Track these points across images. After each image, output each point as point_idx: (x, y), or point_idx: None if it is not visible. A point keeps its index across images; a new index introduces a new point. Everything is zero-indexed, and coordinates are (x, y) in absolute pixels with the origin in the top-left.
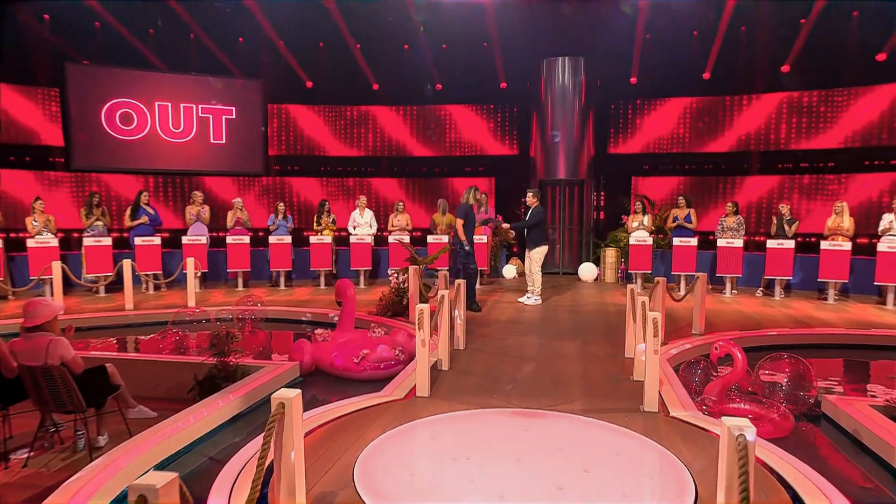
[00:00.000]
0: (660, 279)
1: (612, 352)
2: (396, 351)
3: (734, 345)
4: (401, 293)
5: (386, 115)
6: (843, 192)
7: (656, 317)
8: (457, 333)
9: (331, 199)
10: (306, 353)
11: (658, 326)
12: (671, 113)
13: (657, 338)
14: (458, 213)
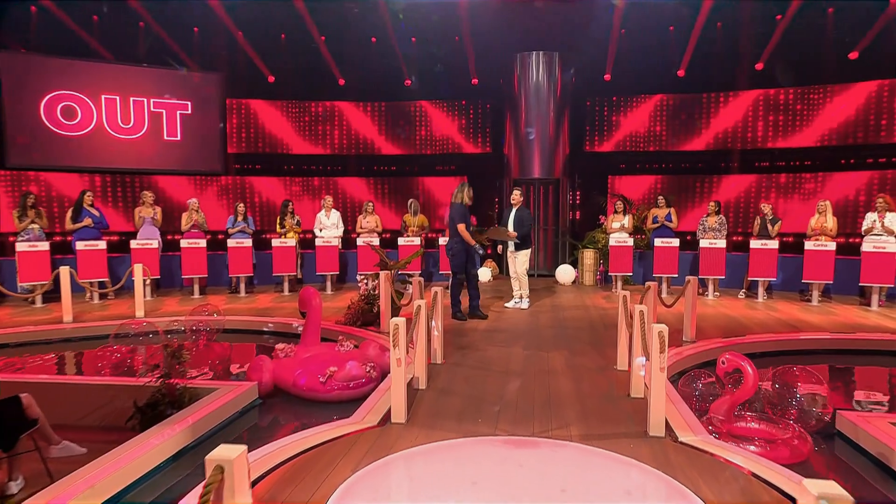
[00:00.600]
0: (651, 284)
1: (602, 364)
2: (367, 368)
3: (744, 358)
4: (371, 300)
5: (353, 111)
6: (821, 191)
7: (662, 330)
8: (434, 346)
9: (295, 199)
10: (266, 371)
11: (665, 341)
12: (648, 110)
13: (664, 354)
14: (455, 216)
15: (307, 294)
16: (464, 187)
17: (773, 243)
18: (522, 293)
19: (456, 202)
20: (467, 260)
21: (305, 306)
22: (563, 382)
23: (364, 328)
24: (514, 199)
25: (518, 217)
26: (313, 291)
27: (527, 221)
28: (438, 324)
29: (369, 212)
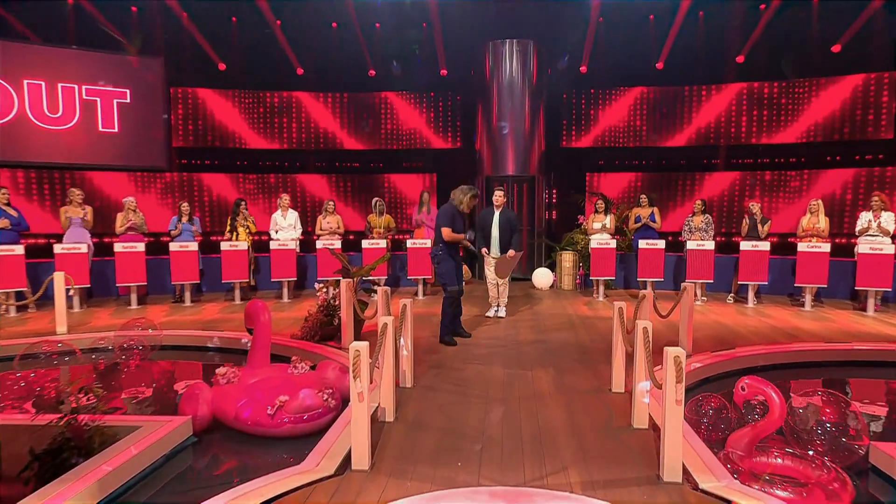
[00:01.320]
0: (646, 293)
1: (595, 385)
2: (325, 395)
3: (766, 383)
4: (331, 311)
5: (312, 102)
6: (806, 189)
7: (679, 355)
8: (403, 366)
9: (248, 198)
10: (202, 401)
11: (682, 368)
12: (627, 104)
13: (681, 384)
14: (441, 218)
15: (254, 308)
16: (468, 192)
17: (765, 245)
18: (502, 301)
19: (449, 204)
20: (457, 269)
21: (252, 322)
22: (553, 410)
23: (323, 343)
24: (497, 200)
25: (506, 221)
26: (261, 305)
27: (517, 225)
28: (408, 342)
29: (330, 211)
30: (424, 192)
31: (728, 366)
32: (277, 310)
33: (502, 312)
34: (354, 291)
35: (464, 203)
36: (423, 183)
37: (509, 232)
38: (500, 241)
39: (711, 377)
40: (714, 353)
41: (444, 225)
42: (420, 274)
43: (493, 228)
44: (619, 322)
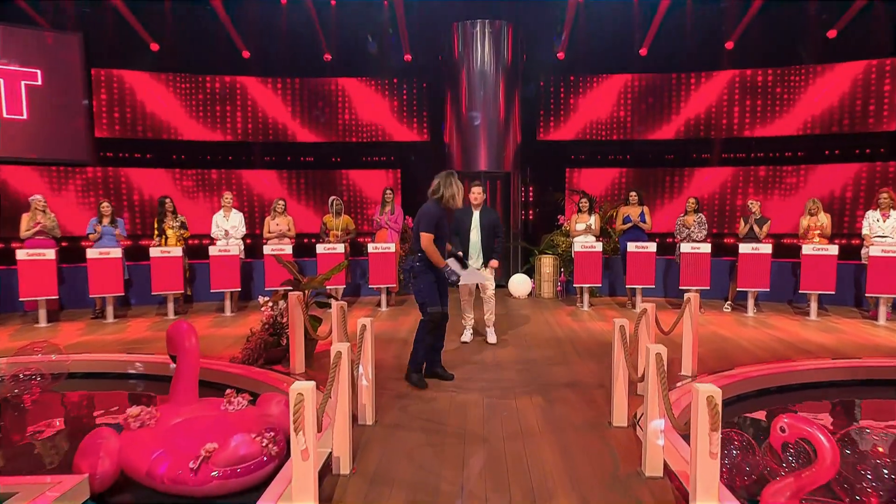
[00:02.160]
0: (648, 306)
1: (592, 417)
2: (265, 440)
3: (812, 423)
4: (277, 330)
5: (259, 89)
6: (804, 185)
7: (714, 395)
8: (362, 400)
9: (188, 197)
10: (105, 453)
11: (719, 412)
12: (610, 92)
13: (717, 433)
14: (420, 220)
15: (177, 330)
16: (448, 179)
17: (766, 247)
18: (489, 320)
19: (432, 202)
20: (439, 285)
21: (175, 348)
22: (545, 453)
23: (268, 368)
24: (475, 197)
25: (488, 223)
26: (186, 327)
27: (501, 227)
28: (368, 370)
29: (279, 212)
30: (387, 190)
31: (737, 388)
32: (218, 325)
33: (492, 337)
34: (306, 306)
35: (456, 197)
36: (386, 179)
37: (492, 236)
38: (483, 248)
39: None
40: (719, 373)
41: (425, 230)
42: (383, 282)
43: (473, 232)
44: (621, 342)
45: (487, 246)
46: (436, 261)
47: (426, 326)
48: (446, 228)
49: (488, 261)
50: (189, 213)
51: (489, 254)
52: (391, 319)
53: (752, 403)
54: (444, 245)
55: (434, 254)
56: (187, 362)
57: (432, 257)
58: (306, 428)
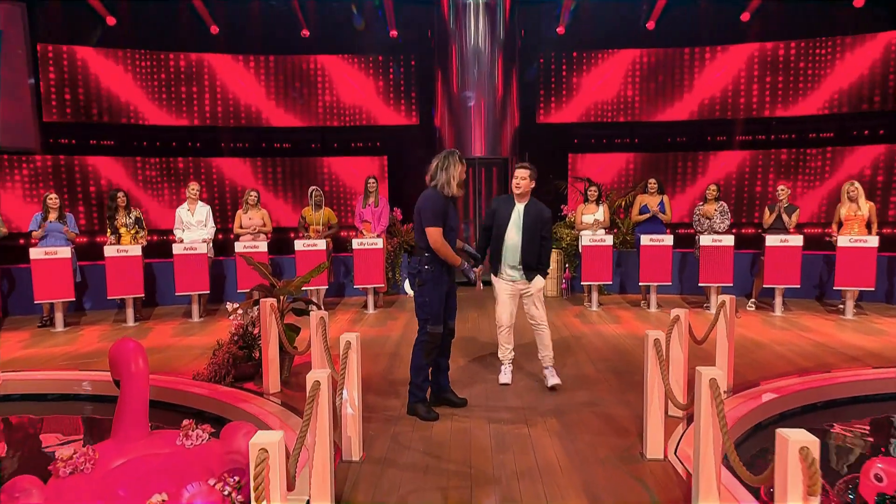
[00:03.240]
0: (680, 312)
1: (620, 447)
2: (226, 488)
3: None
4: (248, 342)
5: (230, 68)
6: (829, 170)
7: (808, 445)
8: (346, 432)
9: (151, 187)
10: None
11: (817, 470)
12: (617, 70)
13: (816, 497)
14: (424, 211)
15: (121, 352)
16: (448, 159)
17: (796, 239)
18: (546, 357)
19: (431, 189)
20: (448, 296)
21: (119, 371)
22: (569, 498)
23: (237, 387)
24: (517, 185)
25: (533, 220)
26: (133, 347)
27: (548, 227)
28: (354, 396)
29: (252, 204)
30: (370, 179)
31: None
32: (183, 333)
33: (553, 379)
34: (281, 313)
35: (447, 179)
36: (371, 167)
37: (537, 240)
38: (523, 255)
39: (763, 422)
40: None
41: (432, 223)
42: (369, 282)
43: (511, 230)
44: (656, 360)
45: (530, 252)
46: (452, 259)
47: (425, 347)
48: (455, 220)
49: (531, 275)
50: (153, 206)
51: (533, 265)
52: (379, 324)
53: (797, 422)
54: (453, 241)
55: (448, 252)
56: (134, 389)
57: (447, 256)
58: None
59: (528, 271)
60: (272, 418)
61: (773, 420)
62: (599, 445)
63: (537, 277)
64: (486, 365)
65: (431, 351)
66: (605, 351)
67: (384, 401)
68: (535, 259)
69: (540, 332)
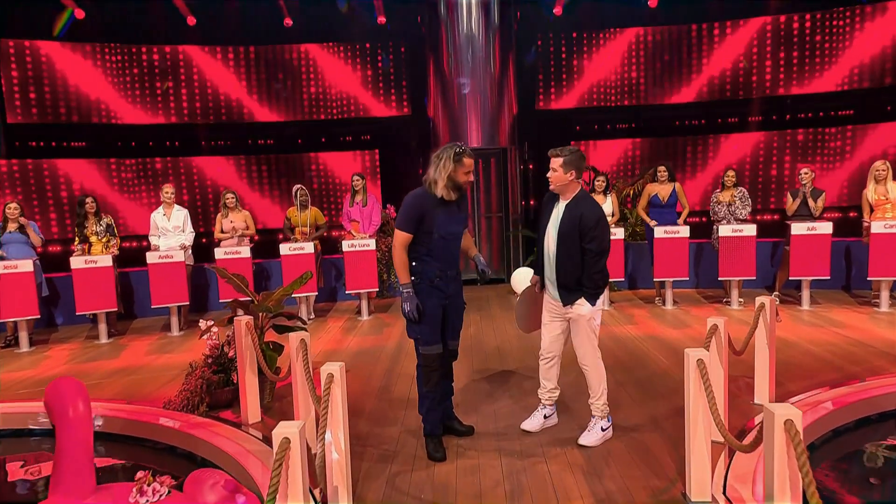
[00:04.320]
0: (718, 321)
1: (658, 487)
2: None
3: None
4: (225, 364)
5: (208, 61)
6: (850, 150)
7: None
8: (332, 480)
9: (127, 191)
10: None
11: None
12: (619, 50)
13: None
14: (399, 214)
15: (57, 392)
16: (443, 154)
17: (824, 226)
18: (596, 405)
19: (421, 188)
20: (448, 310)
21: (56, 415)
22: None
23: (212, 417)
24: (551, 177)
25: (570, 224)
26: (71, 388)
27: (592, 233)
28: (339, 438)
29: (231, 207)
30: (356, 177)
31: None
32: (160, 350)
33: (592, 436)
34: (261, 331)
35: (440, 181)
36: (363, 162)
37: (576, 252)
38: (557, 271)
39: (817, 441)
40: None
41: (401, 226)
42: (361, 286)
43: (549, 237)
44: (700, 384)
45: (564, 267)
46: (398, 273)
47: (423, 373)
48: (449, 226)
49: (569, 296)
50: (131, 210)
51: (570, 284)
52: (374, 332)
53: (857, 438)
54: (448, 250)
55: (399, 263)
56: (74, 438)
57: (397, 268)
58: None
59: (565, 291)
60: (251, 459)
61: (825, 438)
62: (633, 484)
63: (579, 301)
64: (492, 381)
65: (430, 376)
66: (622, 356)
67: (379, 430)
68: (573, 276)
69: (584, 372)
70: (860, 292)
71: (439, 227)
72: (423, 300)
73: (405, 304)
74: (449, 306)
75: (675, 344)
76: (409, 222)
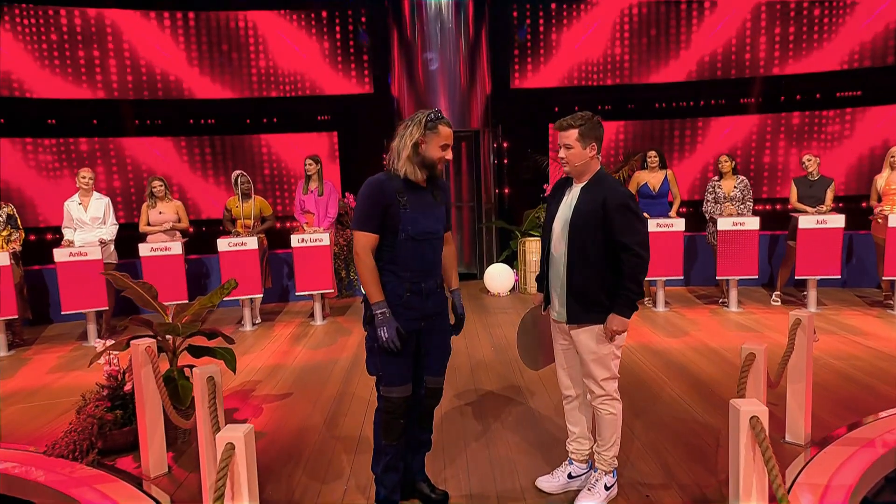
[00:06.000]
0: (756, 349)
1: None
2: None
3: None
4: (123, 400)
5: (139, 27)
6: (849, 134)
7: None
8: None
9: (47, 175)
10: None
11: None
12: (602, 24)
13: None
14: (355, 211)
15: None
16: (407, 128)
17: (835, 219)
18: (606, 456)
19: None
20: (424, 336)
21: None
22: None
23: (104, 467)
24: (564, 156)
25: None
26: None
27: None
28: None
29: (159, 196)
30: (309, 161)
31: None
32: (68, 366)
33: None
34: (173, 355)
35: (404, 152)
36: (320, 145)
37: (597, 249)
38: (569, 277)
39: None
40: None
41: (358, 225)
42: (314, 287)
43: (556, 231)
44: (753, 445)
45: (580, 271)
46: (367, 290)
47: (382, 421)
48: (421, 223)
49: (583, 312)
50: (50, 198)
51: (591, 293)
52: (328, 340)
53: None
54: (423, 254)
55: (365, 275)
56: None
57: (364, 283)
58: None
59: (576, 305)
60: None
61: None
62: None
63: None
64: (477, 414)
65: (392, 427)
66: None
67: (318, 485)
68: (591, 284)
69: (595, 410)
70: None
71: (407, 222)
72: (386, 322)
73: (381, 329)
74: (426, 331)
75: (674, 356)
76: (370, 218)
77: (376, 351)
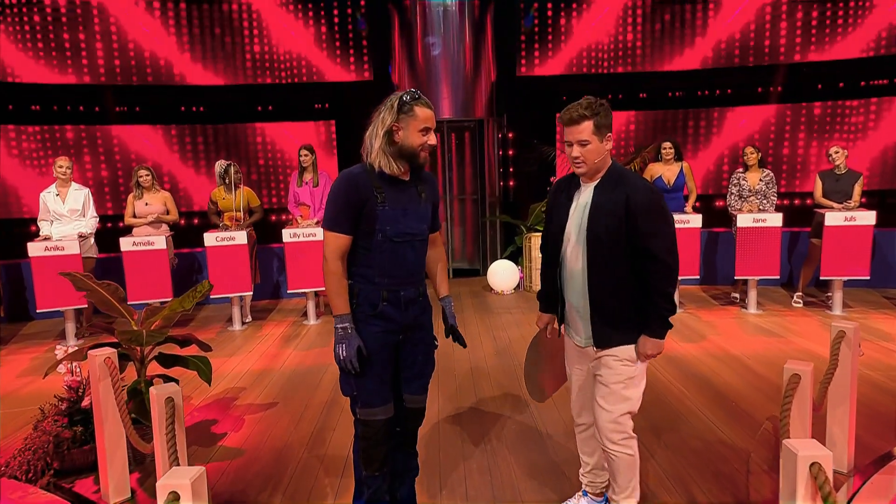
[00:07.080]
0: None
1: None
2: None
3: None
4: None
5: (129, 11)
6: (873, 125)
7: None
8: None
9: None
10: None
11: None
12: (612, 10)
13: None
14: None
15: None
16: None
17: (865, 216)
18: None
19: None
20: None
21: None
22: None
23: (61, 491)
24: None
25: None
26: None
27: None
28: None
29: (146, 186)
30: (303, 151)
31: None
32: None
33: None
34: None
35: (375, 139)
36: (317, 135)
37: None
38: (591, 292)
39: None
40: None
41: (328, 224)
42: (307, 284)
43: (570, 242)
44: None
45: (602, 285)
46: (331, 300)
47: (360, 449)
48: (402, 222)
49: (614, 334)
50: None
51: (622, 312)
52: (321, 341)
53: None
54: (403, 257)
55: (331, 283)
56: None
57: (329, 293)
58: None
59: (607, 327)
60: None
61: None
62: None
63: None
64: (477, 431)
65: (372, 455)
66: None
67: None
68: (623, 300)
69: (606, 451)
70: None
71: (385, 221)
72: (363, 337)
73: (340, 346)
74: (405, 343)
75: (693, 365)
76: (342, 217)
77: (357, 376)
